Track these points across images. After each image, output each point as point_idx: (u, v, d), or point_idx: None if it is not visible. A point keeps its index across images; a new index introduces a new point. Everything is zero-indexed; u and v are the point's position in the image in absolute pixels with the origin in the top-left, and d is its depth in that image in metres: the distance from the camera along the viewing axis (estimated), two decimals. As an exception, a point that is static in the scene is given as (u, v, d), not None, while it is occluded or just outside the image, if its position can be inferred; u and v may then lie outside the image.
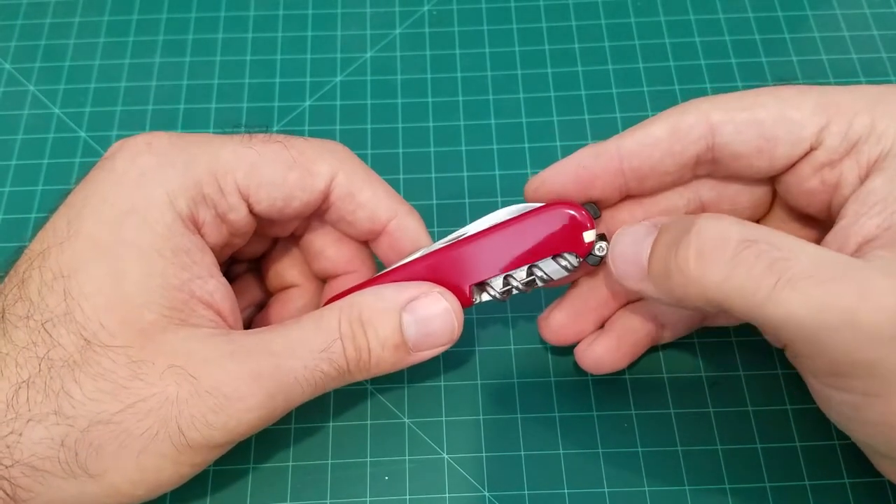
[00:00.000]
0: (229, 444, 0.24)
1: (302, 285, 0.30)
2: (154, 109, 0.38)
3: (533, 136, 0.37)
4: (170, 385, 0.22)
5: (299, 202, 0.26)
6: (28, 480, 0.22)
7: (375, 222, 0.27)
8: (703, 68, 0.38)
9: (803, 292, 0.20)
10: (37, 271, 0.23)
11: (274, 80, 0.38)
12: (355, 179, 0.26)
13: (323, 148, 0.26)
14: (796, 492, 0.28)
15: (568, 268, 0.26)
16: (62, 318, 0.22)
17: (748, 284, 0.20)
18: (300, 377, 0.23)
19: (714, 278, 0.21)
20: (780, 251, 0.20)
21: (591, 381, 0.31)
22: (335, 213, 0.27)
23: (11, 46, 0.40)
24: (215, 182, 0.25)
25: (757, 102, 0.24)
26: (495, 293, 0.26)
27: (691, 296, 0.22)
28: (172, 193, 0.24)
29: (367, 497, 0.29)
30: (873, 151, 0.23)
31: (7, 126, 0.37)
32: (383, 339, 0.25)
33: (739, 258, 0.20)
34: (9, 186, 0.36)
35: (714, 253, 0.21)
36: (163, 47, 0.40)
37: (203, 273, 0.24)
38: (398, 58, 0.39)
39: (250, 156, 0.25)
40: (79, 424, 0.21)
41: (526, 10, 0.41)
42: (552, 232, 0.26)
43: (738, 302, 0.21)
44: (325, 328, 0.24)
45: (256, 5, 0.41)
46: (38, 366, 0.22)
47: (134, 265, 0.23)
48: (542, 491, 0.29)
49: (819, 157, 0.24)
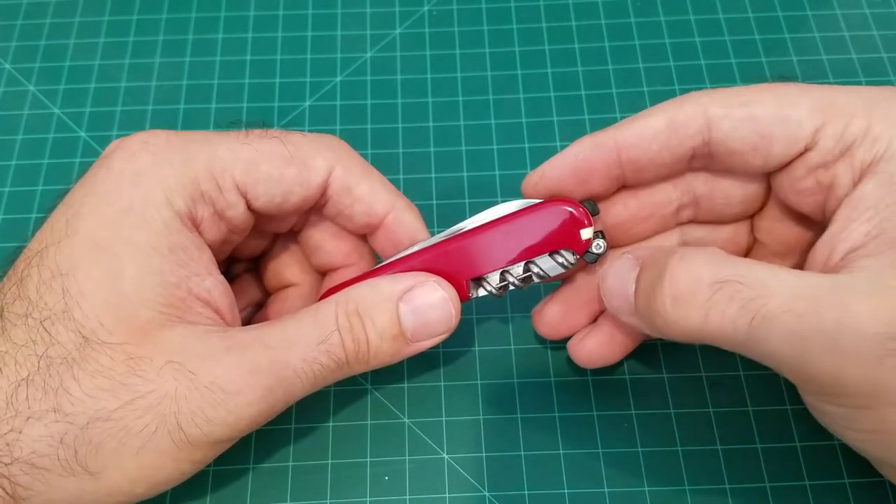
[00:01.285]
0: (229, 440, 0.24)
1: (300, 284, 0.30)
2: (154, 109, 0.38)
3: (533, 136, 0.37)
4: (168, 381, 0.22)
5: (297, 197, 0.26)
6: (27, 478, 0.22)
7: (373, 216, 0.27)
8: (703, 68, 0.38)
9: (781, 327, 0.20)
10: (35, 270, 0.23)
11: (274, 80, 0.38)
12: (352, 173, 0.26)
13: (320, 143, 0.26)
14: (796, 492, 0.28)
15: (565, 265, 0.26)
16: (60, 315, 0.22)
17: (725, 325, 0.21)
18: (298, 370, 0.23)
19: (693, 323, 0.21)
20: (752, 289, 0.20)
21: (591, 381, 0.31)
22: (333, 207, 0.27)
23: (11, 46, 0.40)
24: (213, 179, 0.25)
25: (755, 99, 0.24)
26: (492, 289, 0.26)
27: (677, 336, 0.22)
28: (170, 191, 0.24)
29: (367, 497, 0.29)
30: (867, 155, 0.22)
31: (7, 126, 0.37)
32: (381, 330, 0.25)
33: (713, 301, 0.21)
34: (9, 186, 0.36)
35: (688, 298, 0.21)
36: (163, 47, 0.40)
37: (201, 270, 0.24)
38: (398, 58, 0.39)
39: (247, 152, 0.25)
40: (78, 421, 0.22)
41: (526, 10, 0.41)
42: (550, 229, 0.26)
43: (721, 341, 0.21)
44: (322, 321, 0.24)
45: (256, 5, 0.41)
46: (37, 363, 0.22)
47: (131, 263, 0.23)
48: (542, 491, 0.29)
49: (813, 158, 0.23)
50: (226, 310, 0.25)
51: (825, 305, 0.20)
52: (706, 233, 0.29)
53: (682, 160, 0.25)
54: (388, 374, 0.30)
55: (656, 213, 0.28)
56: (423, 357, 0.27)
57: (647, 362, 0.31)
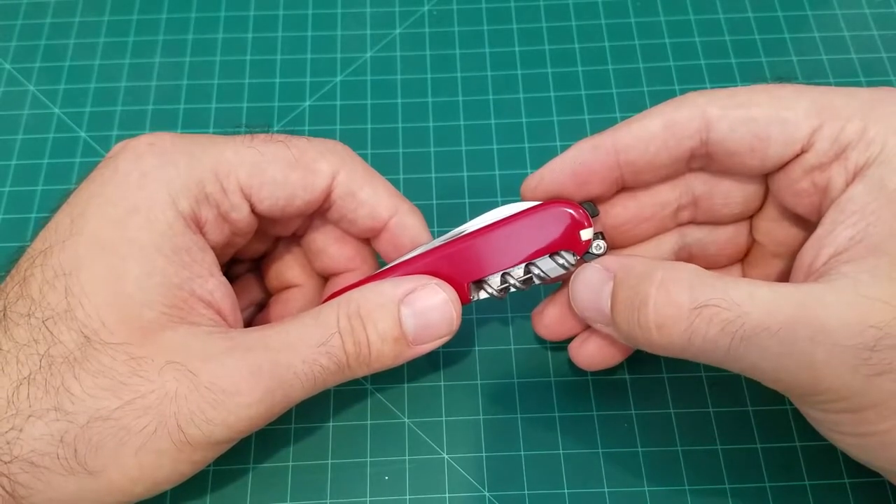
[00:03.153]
0: (229, 441, 0.24)
1: (302, 285, 0.30)
2: (154, 109, 0.38)
3: (533, 136, 0.37)
4: (168, 381, 0.22)
5: (301, 201, 0.26)
6: (27, 477, 0.22)
7: (376, 220, 0.27)
8: (703, 68, 0.38)
9: (758, 345, 0.21)
10: (38, 269, 0.23)
11: (274, 80, 0.38)
12: (356, 178, 0.27)
13: (324, 147, 0.27)
14: (796, 492, 0.28)
15: (566, 266, 0.26)
16: (63, 315, 0.22)
17: (707, 346, 0.22)
18: (299, 371, 0.24)
19: (677, 345, 0.22)
20: (730, 310, 0.21)
21: (591, 381, 0.31)
22: (337, 211, 0.27)
23: (11, 46, 0.40)
24: (218, 181, 0.25)
25: (752, 100, 0.24)
26: (493, 291, 0.26)
27: (659, 353, 0.23)
28: (175, 193, 0.24)
29: (367, 497, 0.29)
30: (861, 158, 0.22)
31: (7, 126, 0.37)
32: (383, 333, 0.25)
33: (694, 327, 0.22)
34: (9, 186, 0.36)
35: (672, 324, 0.22)
36: (163, 47, 0.40)
37: (203, 272, 0.24)
38: (398, 58, 0.39)
39: (252, 155, 0.25)
40: (78, 420, 0.22)
41: (526, 10, 0.41)
42: (550, 230, 0.26)
43: (704, 359, 0.22)
44: (323, 323, 0.24)
45: (256, 5, 0.41)
46: (38, 363, 0.22)
47: (135, 264, 0.23)
48: (542, 491, 0.29)
49: (809, 160, 0.23)
50: (228, 311, 0.25)
51: (799, 322, 0.20)
52: (705, 234, 0.29)
53: (680, 161, 0.26)
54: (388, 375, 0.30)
55: (656, 215, 0.28)
56: (424, 357, 0.27)
57: (647, 362, 0.31)
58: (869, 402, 0.20)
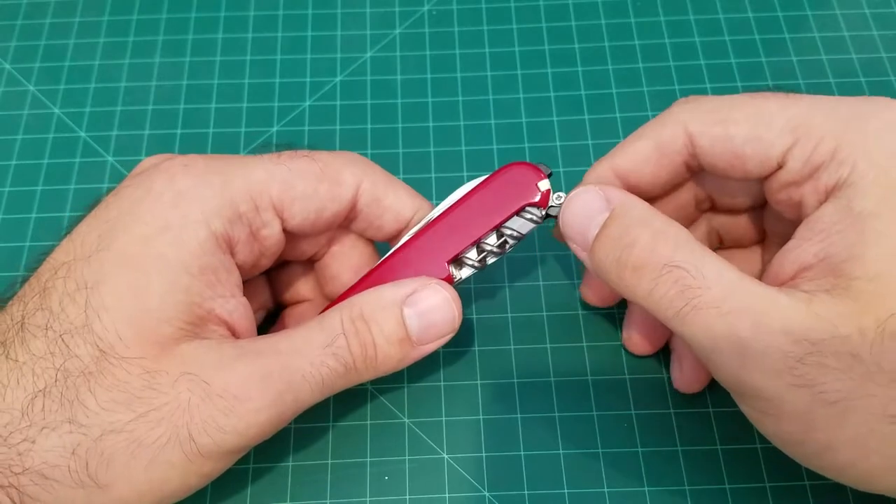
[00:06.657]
0: (239, 450, 0.24)
1: (314, 299, 0.31)
2: (154, 109, 0.38)
3: (533, 136, 0.37)
4: (182, 392, 0.22)
5: (330, 213, 0.27)
6: (36, 489, 0.21)
7: (401, 221, 0.28)
8: (703, 68, 0.38)
9: (704, 320, 0.22)
10: (61, 281, 0.23)
11: (274, 80, 0.38)
12: (379, 185, 0.27)
13: (346, 158, 0.27)
14: (796, 492, 0.28)
15: (534, 219, 0.27)
16: (80, 329, 0.22)
17: (663, 303, 0.23)
18: (307, 374, 0.24)
19: (642, 290, 0.23)
20: (695, 279, 0.22)
21: (591, 381, 0.31)
22: (364, 219, 0.28)
23: (11, 46, 0.40)
24: (251, 200, 0.25)
25: (731, 117, 0.25)
26: (473, 262, 0.27)
27: (623, 293, 0.24)
28: (209, 212, 0.24)
29: (367, 497, 0.29)
30: (831, 179, 0.23)
31: (7, 126, 0.37)
32: (387, 334, 0.25)
33: (661, 279, 0.23)
34: (9, 186, 0.36)
35: (645, 270, 0.23)
36: (163, 47, 0.40)
37: (226, 292, 0.25)
38: (398, 58, 0.39)
39: (282, 172, 0.26)
40: (92, 433, 0.22)
41: (526, 10, 0.41)
42: (510, 189, 0.27)
43: (656, 313, 0.23)
44: (328, 327, 0.25)
45: (256, 5, 0.41)
46: (54, 376, 0.22)
47: (159, 279, 0.23)
48: (542, 491, 0.29)
49: (783, 177, 0.24)
50: (244, 331, 0.25)
51: (749, 313, 0.21)
52: (726, 219, 0.30)
53: (678, 173, 0.27)
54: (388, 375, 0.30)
55: (678, 213, 0.29)
56: (424, 357, 0.27)
57: (647, 362, 0.31)
58: (788, 410, 0.21)
